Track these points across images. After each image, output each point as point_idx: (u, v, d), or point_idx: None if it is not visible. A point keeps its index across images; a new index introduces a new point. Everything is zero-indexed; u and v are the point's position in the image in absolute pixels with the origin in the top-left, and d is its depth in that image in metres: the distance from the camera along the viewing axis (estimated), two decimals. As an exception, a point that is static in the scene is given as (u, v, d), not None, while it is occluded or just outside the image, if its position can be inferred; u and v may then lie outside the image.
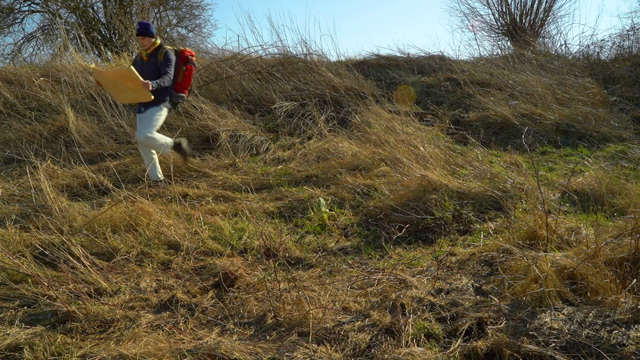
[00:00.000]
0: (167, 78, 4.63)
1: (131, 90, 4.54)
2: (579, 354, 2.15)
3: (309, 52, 8.19)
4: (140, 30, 4.67)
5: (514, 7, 13.43)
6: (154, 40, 4.74)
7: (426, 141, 5.39)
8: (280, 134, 6.31)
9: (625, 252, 2.72)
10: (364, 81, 7.61)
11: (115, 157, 5.62)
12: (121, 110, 6.51)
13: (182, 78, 4.89)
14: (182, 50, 4.86)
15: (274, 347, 2.33)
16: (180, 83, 4.90)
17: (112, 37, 12.66)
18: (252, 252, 3.51)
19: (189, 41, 14.21)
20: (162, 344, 2.35)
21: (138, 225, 3.73)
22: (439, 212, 3.94)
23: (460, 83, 7.81)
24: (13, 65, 8.61)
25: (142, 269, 3.27)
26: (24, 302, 2.85)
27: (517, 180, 4.36)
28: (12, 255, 3.13)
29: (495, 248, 3.25)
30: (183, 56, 4.85)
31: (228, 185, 4.90)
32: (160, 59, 4.69)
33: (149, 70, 4.68)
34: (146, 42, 4.71)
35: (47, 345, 2.39)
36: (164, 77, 4.63)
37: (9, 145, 5.96)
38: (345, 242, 3.74)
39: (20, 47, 12.86)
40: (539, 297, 2.54)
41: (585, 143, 5.97)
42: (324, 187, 4.74)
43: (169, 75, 4.66)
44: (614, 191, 4.11)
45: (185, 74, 4.90)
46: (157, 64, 4.69)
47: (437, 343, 2.35)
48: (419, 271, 3.13)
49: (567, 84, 7.67)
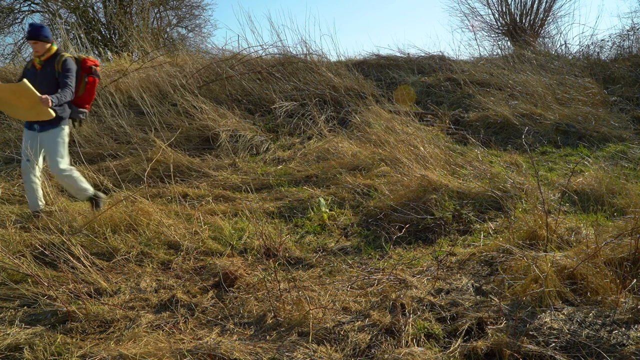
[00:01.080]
0: (68, 91, 3.98)
1: (27, 108, 3.86)
2: (579, 354, 2.15)
3: (309, 52, 8.19)
4: (31, 33, 3.97)
5: (514, 7, 13.44)
6: (49, 45, 4.04)
7: (426, 141, 5.39)
8: (280, 134, 6.31)
9: (625, 252, 2.72)
10: (364, 81, 7.61)
11: (115, 157, 5.62)
12: (121, 110, 6.51)
13: (84, 91, 4.22)
14: (83, 59, 4.22)
15: (274, 347, 2.33)
16: (82, 97, 4.23)
17: (112, 37, 12.67)
18: (252, 252, 3.51)
19: (189, 41, 14.22)
20: (162, 344, 2.35)
21: (138, 225, 3.73)
22: (439, 212, 3.94)
23: (460, 83, 7.81)
24: (13, 65, 8.62)
25: (142, 269, 3.27)
26: (24, 302, 2.85)
27: (517, 180, 4.36)
28: (12, 255, 3.13)
29: (495, 248, 3.25)
30: (85, 66, 4.19)
31: (228, 185, 4.90)
32: (58, 69, 4.02)
33: (44, 81, 4.00)
34: (39, 48, 4.00)
35: (47, 345, 2.38)
36: (65, 90, 3.96)
37: (9, 145, 5.96)
38: (345, 242, 3.74)
39: (20, 47, 12.87)
40: (539, 297, 2.54)
41: (585, 143, 5.97)
42: (324, 187, 4.74)
43: (70, 88, 4.01)
44: (614, 191, 4.11)
45: (87, 87, 4.23)
46: (54, 74, 4.03)
47: (437, 343, 2.35)
48: (419, 271, 3.13)
49: (567, 84, 7.67)
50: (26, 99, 3.79)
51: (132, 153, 5.65)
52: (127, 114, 6.52)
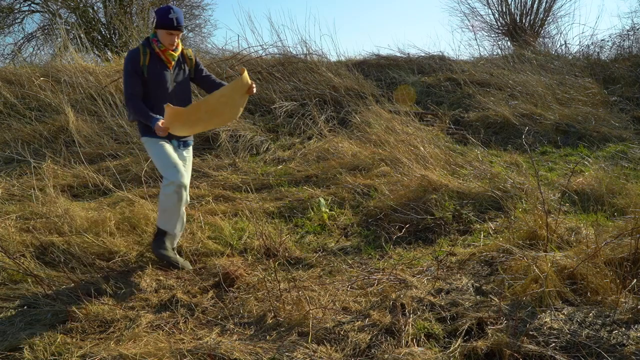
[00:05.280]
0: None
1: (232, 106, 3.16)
2: (579, 354, 2.15)
3: (309, 52, 8.18)
4: (180, 22, 3.13)
5: (514, 7, 13.45)
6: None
7: (426, 141, 5.39)
8: (280, 134, 6.31)
9: (626, 252, 2.72)
10: (364, 81, 7.61)
11: (115, 157, 5.61)
12: (121, 110, 6.51)
13: None
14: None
15: (274, 347, 2.33)
16: None
17: (112, 37, 12.67)
18: (252, 252, 3.51)
19: (189, 41, 14.21)
20: (162, 344, 2.35)
21: (138, 225, 3.73)
22: (439, 212, 3.94)
23: (460, 83, 7.81)
24: (13, 65, 8.61)
25: (142, 269, 3.27)
26: (24, 302, 2.85)
27: (517, 180, 4.36)
28: (13, 255, 3.13)
29: (495, 248, 3.25)
30: None
31: (228, 185, 4.90)
32: (192, 65, 3.37)
33: (182, 85, 3.31)
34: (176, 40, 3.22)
35: (47, 345, 2.38)
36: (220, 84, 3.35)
37: (9, 145, 5.95)
38: (345, 242, 3.74)
39: (20, 47, 12.87)
40: (539, 297, 2.54)
41: (585, 143, 5.97)
42: (324, 187, 4.74)
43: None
44: (614, 191, 4.11)
45: None
46: (187, 72, 3.35)
47: (437, 343, 2.35)
48: (419, 271, 3.13)
49: (567, 84, 7.67)
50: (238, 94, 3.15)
51: (132, 153, 5.65)
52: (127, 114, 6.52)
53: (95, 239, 3.55)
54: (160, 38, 3.17)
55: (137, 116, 3.15)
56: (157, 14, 3.13)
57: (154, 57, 3.19)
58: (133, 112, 3.15)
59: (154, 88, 3.20)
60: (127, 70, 3.13)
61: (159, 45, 3.18)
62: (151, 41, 3.20)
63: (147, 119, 3.09)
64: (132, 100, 3.13)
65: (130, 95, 3.14)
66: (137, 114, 3.14)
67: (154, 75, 3.19)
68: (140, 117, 3.13)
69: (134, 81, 3.13)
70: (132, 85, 3.13)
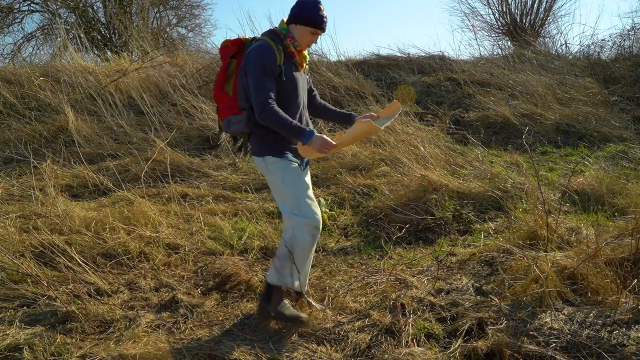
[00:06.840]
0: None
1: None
2: (579, 354, 2.15)
3: (308, 52, 8.18)
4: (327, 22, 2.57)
5: (514, 6, 13.46)
6: None
7: (426, 141, 5.39)
8: (280, 133, 6.29)
9: (626, 252, 2.72)
10: (364, 81, 7.60)
11: (115, 157, 5.61)
12: (121, 110, 6.51)
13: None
14: None
15: (274, 347, 2.33)
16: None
17: (112, 37, 12.66)
18: (252, 252, 3.50)
19: (188, 41, 14.22)
20: (162, 344, 2.35)
21: (138, 225, 3.72)
22: (439, 212, 3.93)
23: (461, 83, 7.80)
24: (13, 65, 8.60)
25: (142, 269, 3.26)
26: (24, 302, 2.85)
27: (517, 180, 4.35)
28: (12, 255, 3.12)
29: (496, 248, 3.25)
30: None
31: (228, 185, 4.89)
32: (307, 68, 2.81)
33: (306, 95, 2.78)
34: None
35: (47, 345, 2.38)
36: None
37: (8, 145, 5.95)
38: (345, 242, 3.74)
39: (20, 47, 12.87)
40: (539, 297, 2.54)
41: (585, 143, 5.96)
42: (324, 187, 4.73)
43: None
44: (615, 191, 4.10)
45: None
46: (309, 82, 2.84)
47: (437, 343, 2.35)
48: (419, 271, 3.13)
49: (568, 84, 7.67)
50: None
51: (131, 153, 5.64)
52: (127, 114, 6.51)
53: (95, 238, 3.54)
54: (299, 35, 2.51)
55: (281, 128, 2.39)
56: (303, 8, 2.49)
57: (287, 57, 2.53)
58: (275, 122, 2.37)
59: (285, 95, 2.50)
60: (260, 67, 2.40)
61: (294, 43, 2.52)
62: (284, 37, 2.52)
63: (296, 132, 2.37)
64: (272, 106, 2.37)
65: (268, 101, 2.37)
66: (280, 125, 2.38)
67: (290, 80, 2.52)
68: (285, 129, 2.38)
69: (269, 83, 2.42)
70: (269, 87, 2.41)
